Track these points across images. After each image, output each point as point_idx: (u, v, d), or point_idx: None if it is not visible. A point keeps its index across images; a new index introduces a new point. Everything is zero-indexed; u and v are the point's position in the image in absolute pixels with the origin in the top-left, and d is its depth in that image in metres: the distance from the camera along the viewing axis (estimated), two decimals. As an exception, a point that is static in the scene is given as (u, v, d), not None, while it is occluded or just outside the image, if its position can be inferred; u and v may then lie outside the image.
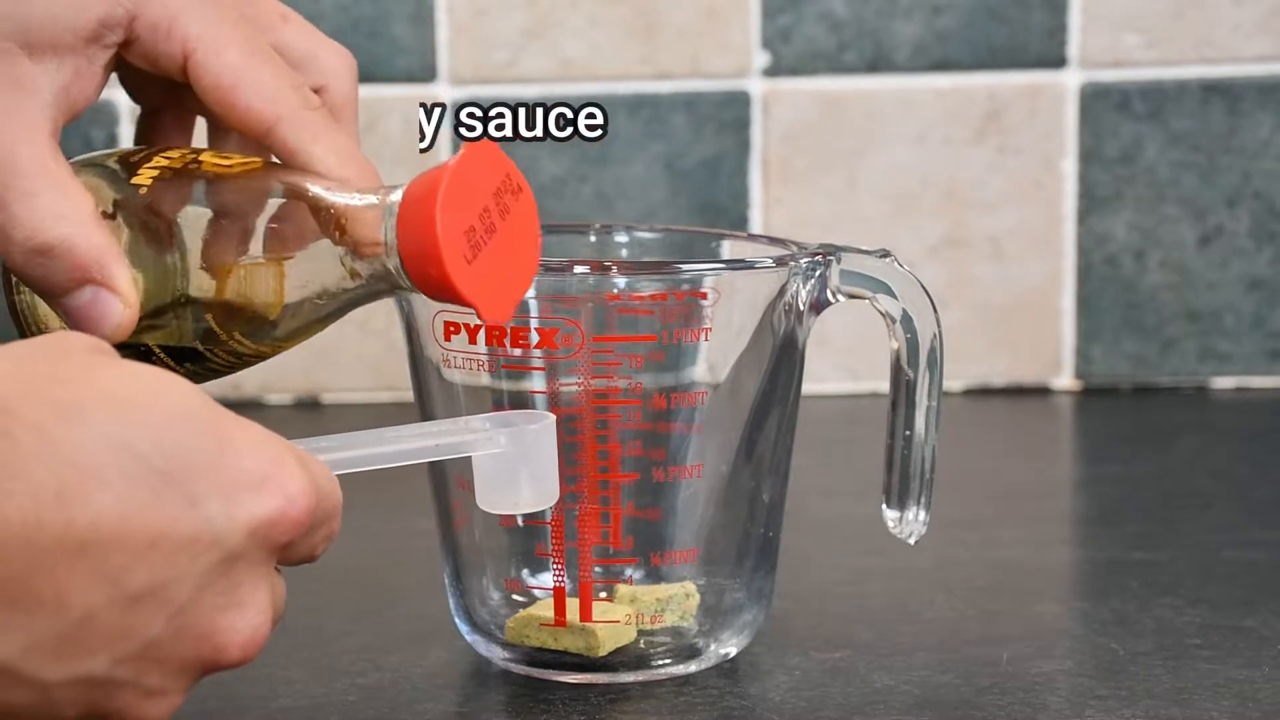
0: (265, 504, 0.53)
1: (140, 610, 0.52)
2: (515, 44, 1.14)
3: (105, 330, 0.61)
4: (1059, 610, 0.81)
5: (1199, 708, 0.68)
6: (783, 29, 1.14)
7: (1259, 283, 1.16)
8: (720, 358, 0.70)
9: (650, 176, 1.15)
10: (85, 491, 0.51)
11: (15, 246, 0.61)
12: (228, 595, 0.53)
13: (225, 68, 0.64)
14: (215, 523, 0.52)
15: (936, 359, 0.71)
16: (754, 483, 0.71)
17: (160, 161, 0.64)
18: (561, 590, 0.70)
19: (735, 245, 0.78)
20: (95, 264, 0.61)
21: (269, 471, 0.53)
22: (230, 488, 0.53)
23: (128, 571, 0.51)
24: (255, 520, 0.53)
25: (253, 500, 0.53)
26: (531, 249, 0.63)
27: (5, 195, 0.61)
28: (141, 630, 0.52)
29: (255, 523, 0.53)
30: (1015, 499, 0.97)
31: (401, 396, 0.91)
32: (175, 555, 0.52)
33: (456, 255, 0.60)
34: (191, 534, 0.52)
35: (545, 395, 0.69)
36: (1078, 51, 1.14)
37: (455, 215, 0.60)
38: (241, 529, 0.53)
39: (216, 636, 0.53)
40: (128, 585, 0.51)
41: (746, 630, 0.73)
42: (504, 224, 0.62)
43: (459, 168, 0.61)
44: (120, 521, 0.51)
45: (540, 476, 0.63)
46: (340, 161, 0.64)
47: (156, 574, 0.52)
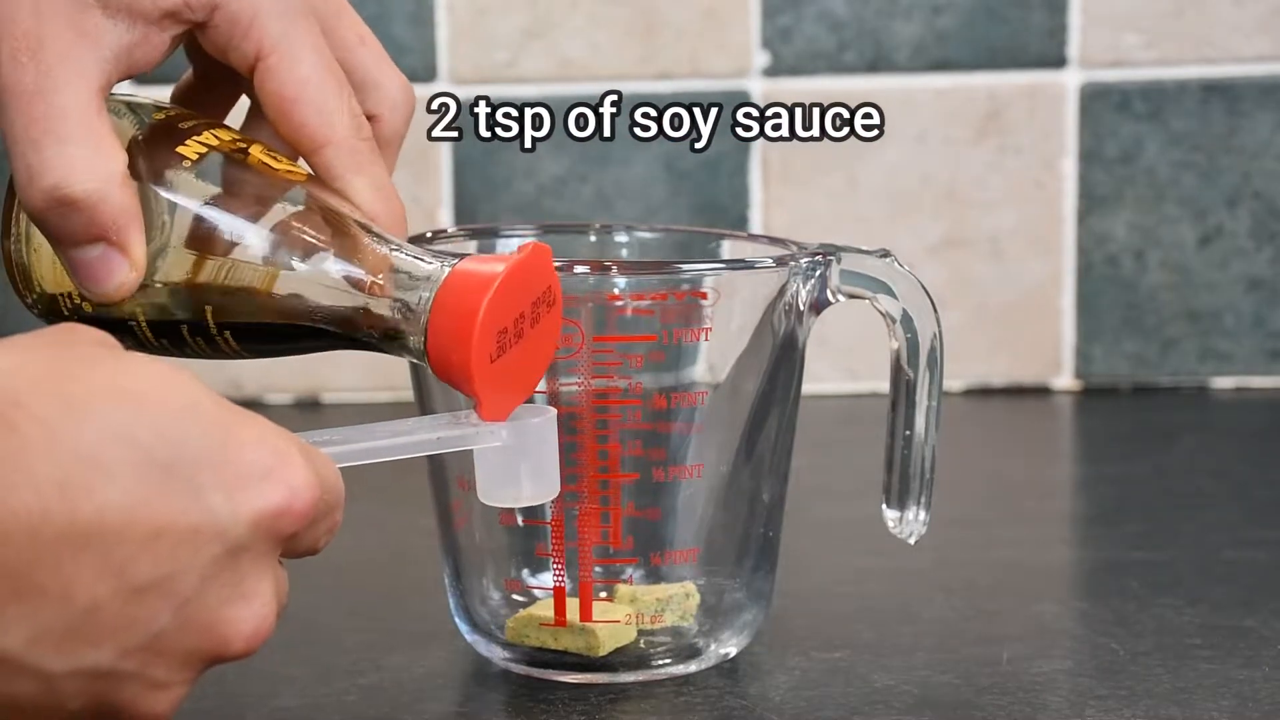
0: (269, 496, 0.53)
1: (145, 602, 0.52)
2: (515, 44, 1.14)
3: (103, 287, 0.61)
4: (1059, 610, 0.81)
5: (1199, 708, 0.68)
6: (783, 29, 1.14)
7: (1259, 283, 1.16)
8: (720, 358, 0.70)
9: (650, 176, 1.15)
10: (90, 484, 0.51)
11: (38, 191, 0.60)
12: (233, 587, 0.53)
13: (291, 80, 0.64)
14: (220, 515, 0.52)
15: (936, 359, 0.71)
16: (754, 483, 0.71)
17: (210, 139, 0.63)
18: (561, 590, 0.70)
19: (735, 245, 0.78)
20: (114, 225, 0.61)
21: (273, 464, 0.54)
22: (235, 481, 0.53)
23: (133, 563, 0.51)
24: (259, 513, 0.53)
25: (257, 493, 0.53)
26: (544, 360, 0.64)
27: (42, 137, 0.60)
28: (147, 622, 0.52)
29: (259, 515, 0.53)
30: (1015, 499, 0.97)
31: (401, 396, 0.91)
32: (180, 547, 0.52)
33: (484, 353, 0.61)
34: (196, 526, 0.52)
35: (545, 395, 0.69)
36: (1078, 51, 1.14)
37: (497, 314, 0.61)
38: (246, 521, 0.53)
39: (221, 628, 0.53)
40: (133, 577, 0.51)
41: (746, 630, 0.73)
42: (532, 332, 0.62)
43: (516, 268, 0.61)
44: (125, 514, 0.51)
45: (541, 470, 0.63)
46: (375, 197, 0.64)
47: (161, 566, 0.52)
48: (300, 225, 0.63)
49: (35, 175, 0.60)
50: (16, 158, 0.61)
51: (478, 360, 0.60)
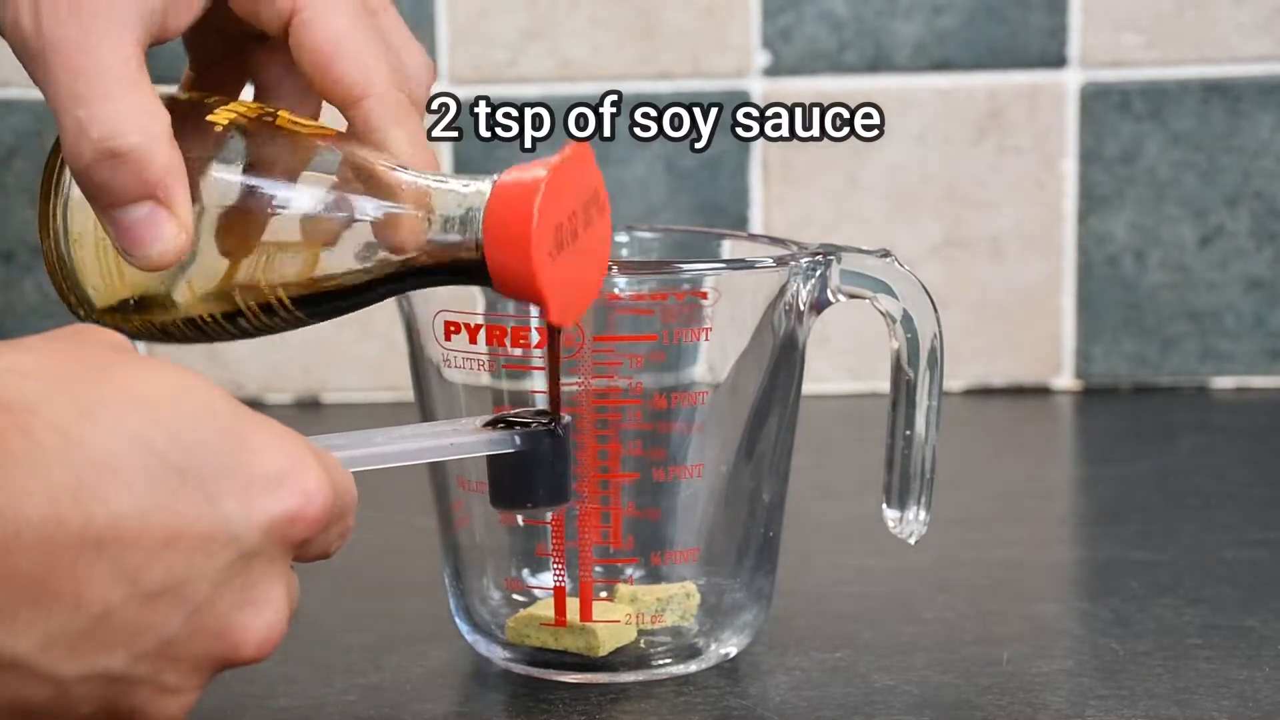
0: (283, 502, 0.53)
1: (158, 608, 0.52)
2: (515, 44, 1.14)
3: (150, 250, 0.61)
4: (1059, 610, 0.81)
5: (1199, 708, 0.68)
6: (783, 29, 1.14)
7: (1259, 283, 1.16)
8: (720, 358, 0.70)
9: (650, 176, 1.15)
10: (104, 490, 0.51)
11: (88, 144, 0.60)
12: (244, 593, 0.53)
13: (330, 31, 0.63)
14: (233, 521, 0.52)
15: (936, 359, 0.71)
16: (754, 482, 0.71)
17: (237, 107, 0.63)
18: (562, 590, 0.70)
19: (735, 245, 0.78)
20: (161, 181, 0.60)
21: (287, 469, 0.53)
22: (248, 486, 0.53)
23: (145, 569, 0.51)
24: (272, 519, 0.53)
25: (270, 499, 0.53)
26: (601, 266, 0.63)
27: (88, 92, 0.60)
28: (159, 627, 0.52)
29: (272, 521, 0.53)
30: (1015, 499, 0.97)
31: (402, 396, 0.91)
32: (193, 553, 0.52)
33: (543, 249, 0.60)
34: (209, 532, 0.52)
35: (546, 395, 0.69)
36: (1078, 51, 1.14)
37: (550, 210, 0.60)
38: (258, 527, 0.53)
39: (233, 634, 0.53)
40: (145, 583, 0.51)
41: (746, 630, 0.73)
42: (585, 234, 0.62)
43: (561, 166, 0.61)
44: (139, 519, 0.51)
45: (554, 478, 0.63)
46: (415, 149, 0.64)
47: (174, 572, 0.52)
48: (344, 176, 0.62)
49: (84, 128, 0.60)
50: (63, 113, 0.60)
51: (538, 256, 0.59)
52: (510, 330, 0.69)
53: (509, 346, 0.69)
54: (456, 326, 0.69)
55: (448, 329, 0.69)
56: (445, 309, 0.69)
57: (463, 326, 0.69)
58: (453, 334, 0.69)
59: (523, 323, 0.69)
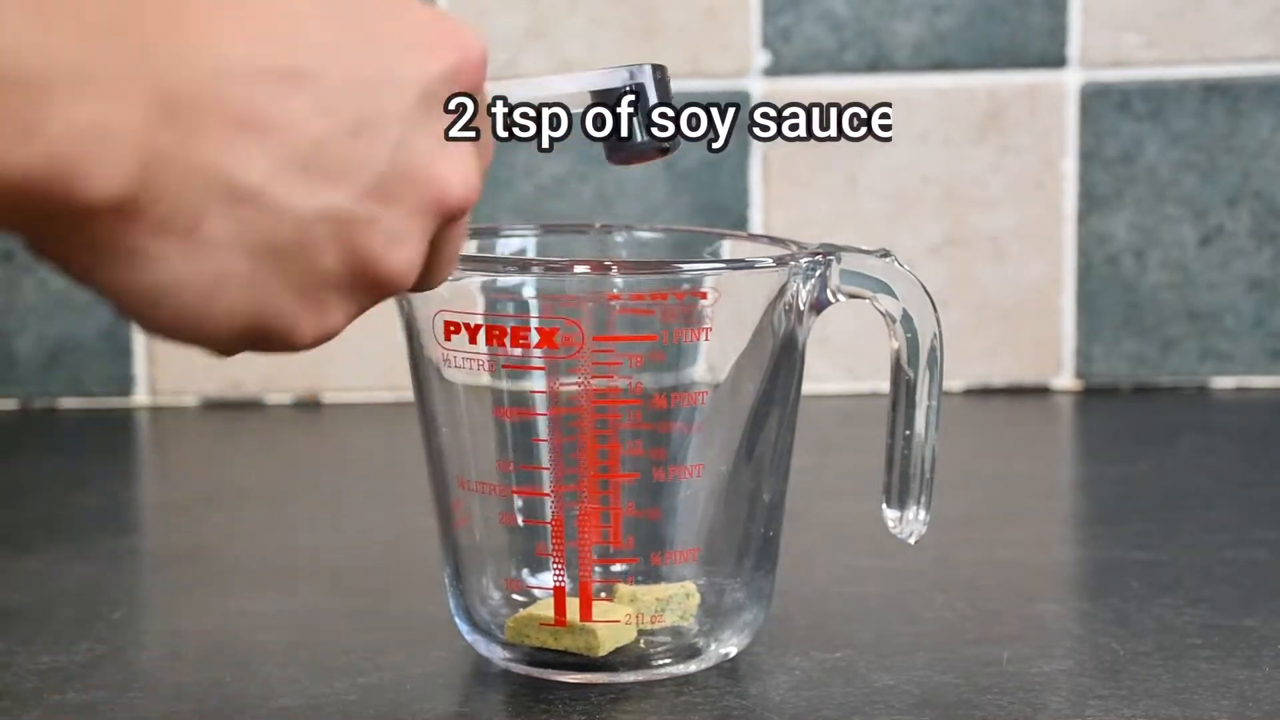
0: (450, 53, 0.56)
1: (362, 141, 0.54)
2: (515, 44, 1.14)
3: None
4: (1059, 610, 0.81)
5: (1199, 708, 0.68)
6: (783, 29, 1.14)
7: (1259, 283, 1.16)
8: (720, 358, 0.70)
9: (650, 176, 1.15)
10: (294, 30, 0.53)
11: None
12: (434, 138, 0.56)
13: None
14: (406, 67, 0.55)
15: (936, 359, 0.71)
16: (754, 482, 0.71)
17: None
18: (562, 590, 0.70)
19: (735, 245, 0.78)
20: None
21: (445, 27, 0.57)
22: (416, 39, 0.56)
23: (341, 102, 0.54)
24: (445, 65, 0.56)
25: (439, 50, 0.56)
26: None
27: None
28: (369, 163, 0.54)
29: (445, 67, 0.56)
30: (1015, 499, 0.97)
31: (402, 396, 0.91)
32: (380, 90, 0.55)
33: None
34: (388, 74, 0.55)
35: (546, 395, 0.69)
36: (1078, 51, 1.14)
37: None
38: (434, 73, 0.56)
39: (437, 177, 0.56)
40: (344, 115, 0.54)
41: (746, 630, 0.73)
42: None
43: None
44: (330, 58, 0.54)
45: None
46: None
47: (366, 107, 0.54)
48: None
49: None
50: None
51: None
52: (510, 330, 0.69)
53: (509, 346, 0.69)
54: (456, 326, 0.69)
55: (448, 329, 0.69)
56: (445, 309, 0.69)
57: (463, 326, 0.69)
58: (453, 334, 0.69)
59: (523, 323, 0.69)
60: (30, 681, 0.71)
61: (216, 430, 1.13)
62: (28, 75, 0.48)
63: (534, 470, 0.70)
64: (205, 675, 0.72)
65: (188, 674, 0.72)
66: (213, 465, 1.08)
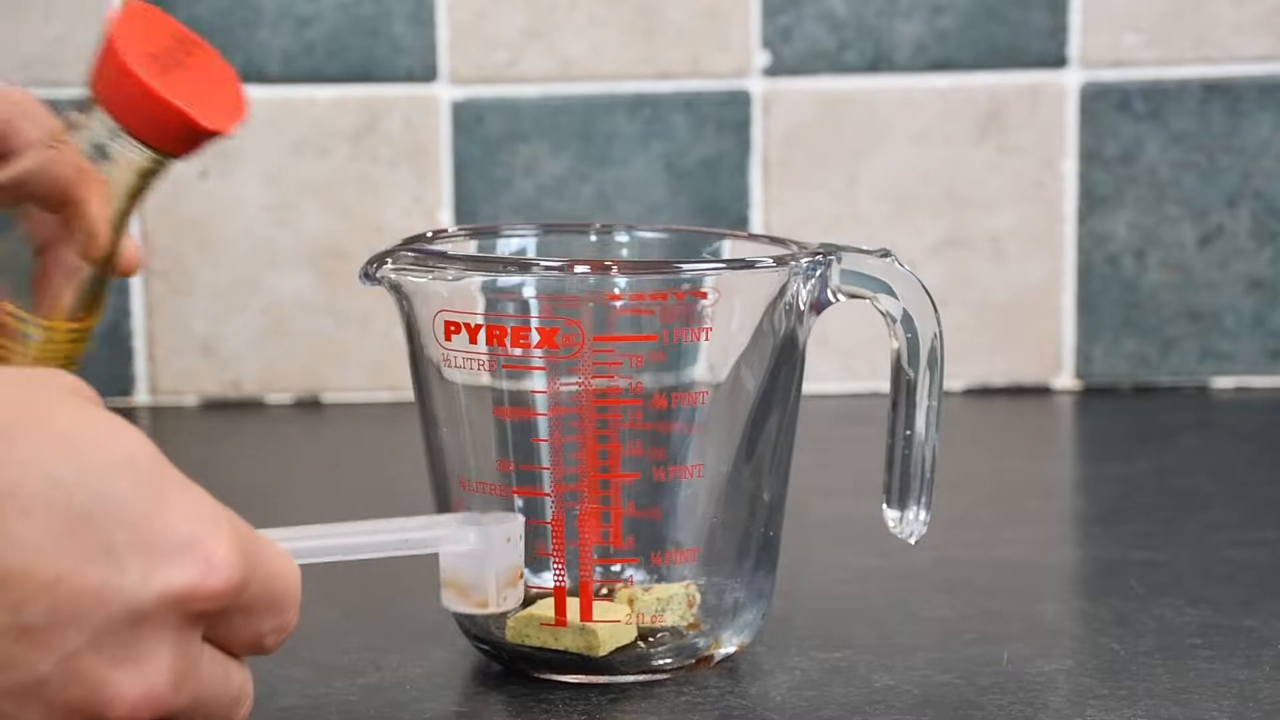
0: (184, 570, 0.52)
1: (32, 645, 0.51)
2: (515, 44, 1.14)
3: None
4: (1059, 610, 0.81)
5: (1199, 708, 0.68)
6: (783, 29, 1.14)
7: (1259, 283, 1.16)
8: (720, 357, 0.70)
9: (650, 176, 1.15)
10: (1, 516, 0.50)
11: None
12: (127, 649, 0.52)
13: None
14: (128, 578, 0.51)
15: (937, 359, 0.71)
16: (754, 482, 0.71)
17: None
18: (562, 590, 0.70)
19: (735, 245, 0.78)
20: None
21: (196, 536, 0.52)
22: (151, 546, 0.52)
23: (27, 604, 0.51)
24: (170, 585, 0.52)
25: (171, 564, 0.52)
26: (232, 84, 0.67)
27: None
28: (30, 665, 0.51)
29: (169, 588, 0.52)
30: (1015, 499, 0.97)
31: (402, 396, 0.91)
32: (79, 598, 0.51)
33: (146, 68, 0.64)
34: (102, 583, 0.51)
35: (546, 395, 0.69)
36: (1078, 51, 1.14)
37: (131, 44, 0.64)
38: (154, 591, 0.52)
39: (107, 688, 0.52)
40: (24, 617, 0.51)
41: (746, 630, 0.73)
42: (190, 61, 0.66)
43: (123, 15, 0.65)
44: (32, 553, 0.50)
45: (506, 577, 0.62)
46: None
47: (56, 614, 0.51)
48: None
49: None
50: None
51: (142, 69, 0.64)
52: (510, 330, 0.69)
53: (509, 346, 0.69)
54: (456, 326, 0.69)
55: (448, 329, 0.69)
56: (445, 309, 0.69)
57: (463, 326, 0.69)
58: (453, 334, 0.69)
59: (523, 323, 0.69)
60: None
61: (216, 430, 1.13)
62: None
63: (534, 470, 0.70)
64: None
65: (188, 674, 0.72)
66: (213, 465, 1.08)
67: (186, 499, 0.53)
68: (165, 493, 0.52)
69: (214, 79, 0.66)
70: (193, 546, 0.52)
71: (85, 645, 0.51)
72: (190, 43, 0.66)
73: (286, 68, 1.13)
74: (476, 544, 0.62)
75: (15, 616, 0.50)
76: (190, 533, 0.52)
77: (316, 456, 1.10)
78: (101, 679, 0.52)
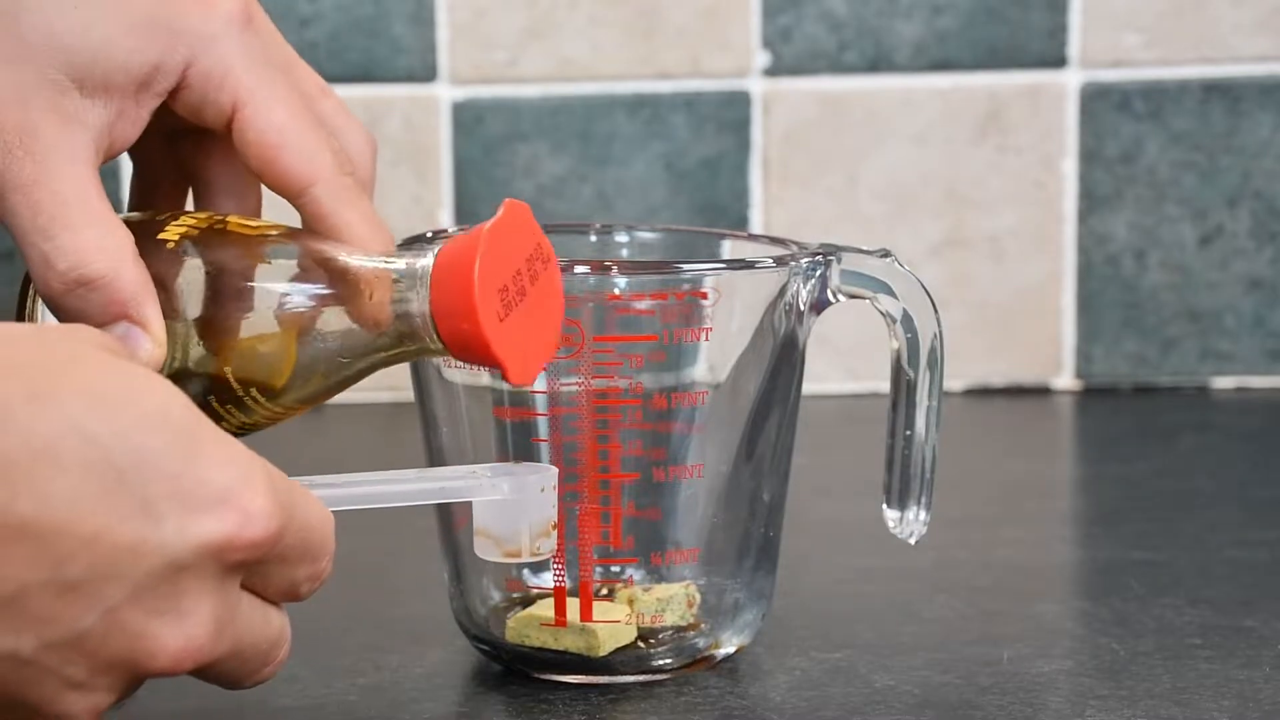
0: (221, 521, 0.53)
1: (74, 600, 0.52)
2: (515, 44, 1.14)
3: None
4: (1059, 610, 0.81)
5: (1199, 708, 0.68)
6: (783, 29, 1.14)
7: (1259, 283, 1.16)
8: (720, 358, 0.70)
9: (650, 176, 1.15)
10: (37, 474, 0.51)
11: (57, 276, 0.61)
12: (168, 601, 0.53)
13: (272, 126, 0.65)
14: (165, 531, 0.52)
15: (937, 359, 0.71)
16: (754, 482, 0.71)
17: (187, 220, 0.64)
18: (562, 590, 0.70)
19: (735, 245, 0.78)
20: (133, 300, 0.61)
21: (232, 488, 0.53)
22: (188, 499, 0.52)
23: (70, 560, 0.51)
24: (207, 536, 0.53)
25: (208, 515, 0.53)
26: (556, 318, 0.64)
27: (50, 226, 0.61)
28: (72, 620, 0.52)
29: (207, 538, 0.53)
30: (1015, 499, 0.97)
31: (402, 396, 0.91)
32: (119, 554, 0.52)
33: (490, 311, 0.61)
34: (140, 537, 0.52)
35: (545, 395, 0.69)
36: (1078, 51, 1.14)
37: (492, 270, 0.61)
38: (192, 543, 0.52)
39: (148, 640, 0.53)
40: (64, 573, 0.51)
41: (746, 630, 0.73)
42: (533, 289, 0.63)
43: (498, 225, 0.62)
44: (69, 510, 0.51)
45: (540, 527, 0.63)
46: (371, 230, 0.65)
47: (97, 568, 0.52)
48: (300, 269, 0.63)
49: (51, 261, 0.61)
50: (29, 247, 0.61)
51: (486, 319, 0.61)
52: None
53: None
54: (456, 326, 0.69)
55: (448, 329, 0.69)
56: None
57: (463, 326, 0.69)
58: (453, 334, 0.69)
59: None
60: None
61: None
62: None
63: (534, 470, 0.70)
64: (205, 675, 0.72)
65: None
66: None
67: (221, 450, 0.53)
68: (200, 444, 0.53)
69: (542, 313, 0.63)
70: (229, 497, 0.53)
71: (126, 599, 0.52)
72: (541, 259, 0.64)
73: (286, 68, 1.13)
74: (510, 494, 0.63)
75: (56, 573, 0.51)
76: (227, 484, 0.53)
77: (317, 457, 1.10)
78: (143, 631, 0.53)
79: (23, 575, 0.51)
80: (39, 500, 0.51)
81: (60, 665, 0.52)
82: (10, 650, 0.52)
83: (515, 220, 0.63)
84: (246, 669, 0.57)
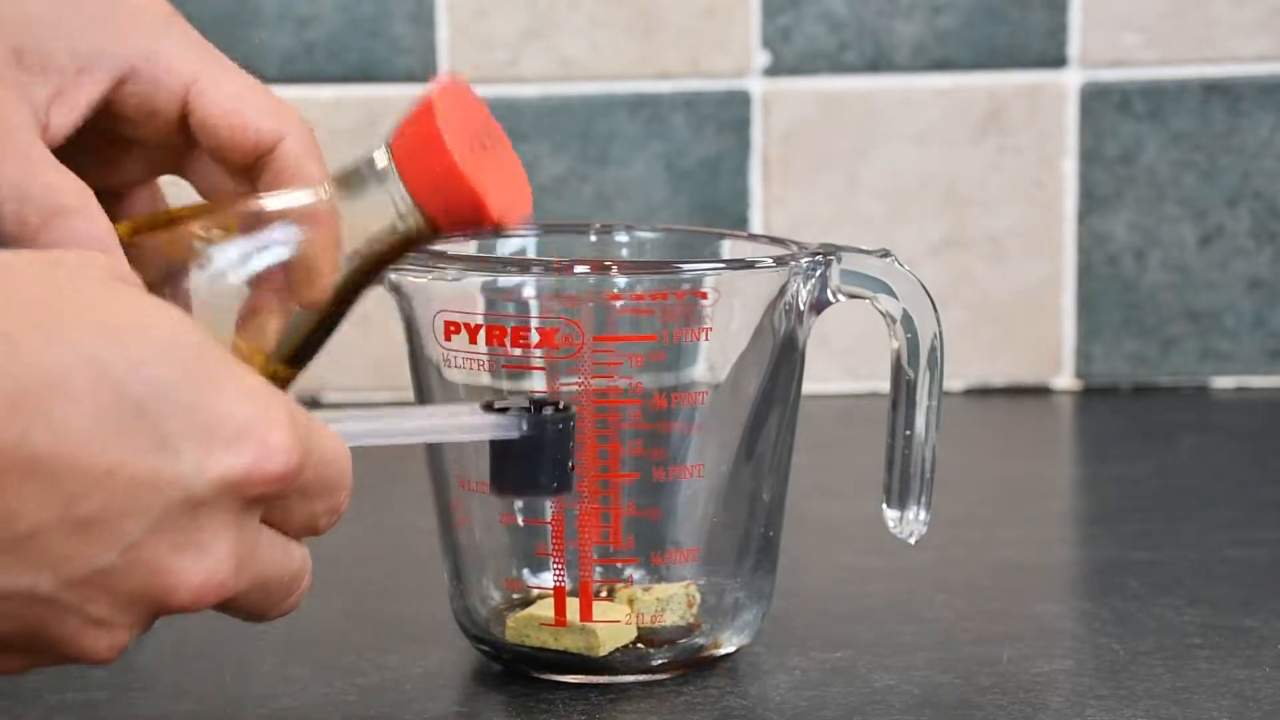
0: (239, 455, 0.52)
1: (91, 537, 0.51)
2: (515, 44, 1.14)
3: None
4: (1059, 610, 0.81)
5: (1199, 708, 0.68)
6: (783, 29, 1.14)
7: (1259, 283, 1.16)
8: (720, 357, 0.70)
9: (650, 176, 1.15)
10: (48, 406, 0.50)
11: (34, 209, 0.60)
12: (188, 536, 0.52)
13: (229, 94, 0.64)
14: (184, 466, 0.51)
15: (937, 359, 0.71)
16: (754, 482, 0.71)
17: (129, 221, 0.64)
18: (562, 590, 0.70)
19: (735, 245, 0.78)
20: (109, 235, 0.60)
21: (251, 421, 0.52)
22: (206, 432, 0.51)
23: (83, 496, 0.50)
24: (226, 470, 0.51)
25: (226, 449, 0.52)
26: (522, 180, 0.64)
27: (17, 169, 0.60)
28: (90, 557, 0.51)
29: (226, 473, 0.52)
30: (1015, 499, 0.97)
31: (402, 396, 0.91)
32: (135, 489, 0.51)
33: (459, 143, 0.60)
34: (156, 471, 0.51)
35: (546, 395, 0.69)
36: (1078, 51, 1.14)
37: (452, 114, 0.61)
38: (210, 477, 0.51)
39: (169, 576, 0.52)
40: (79, 510, 0.50)
41: (746, 630, 0.73)
42: (495, 149, 0.63)
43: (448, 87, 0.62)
44: (82, 445, 0.50)
45: (557, 465, 0.62)
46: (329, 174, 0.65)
47: (113, 504, 0.50)
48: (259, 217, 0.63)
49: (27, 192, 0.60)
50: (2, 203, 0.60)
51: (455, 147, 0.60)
52: (510, 330, 0.69)
53: (509, 346, 0.69)
54: (456, 326, 0.69)
55: (448, 329, 0.69)
56: (445, 309, 0.69)
57: (463, 326, 0.69)
58: (453, 334, 0.69)
59: (523, 323, 0.69)
60: (30, 680, 0.71)
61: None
62: None
63: (534, 470, 0.70)
64: (205, 675, 0.72)
65: (187, 673, 0.72)
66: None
67: (239, 383, 0.52)
68: (217, 377, 0.52)
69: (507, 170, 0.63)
70: (248, 431, 0.52)
71: (145, 534, 0.51)
72: (495, 132, 0.64)
73: (286, 68, 1.13)
74: (529, 430, 0.61)
75: (69, 509, 0.50)
76: (245, 417, 0.52)
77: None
78: (164, 567, 0.52)
79: (38, 513, 0.50)
80: (52, 434, 0.49)
81: (81, 603, 0.52)
82: (29, 588, 0.51)
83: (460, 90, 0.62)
84: (269, 602, 0.56)
